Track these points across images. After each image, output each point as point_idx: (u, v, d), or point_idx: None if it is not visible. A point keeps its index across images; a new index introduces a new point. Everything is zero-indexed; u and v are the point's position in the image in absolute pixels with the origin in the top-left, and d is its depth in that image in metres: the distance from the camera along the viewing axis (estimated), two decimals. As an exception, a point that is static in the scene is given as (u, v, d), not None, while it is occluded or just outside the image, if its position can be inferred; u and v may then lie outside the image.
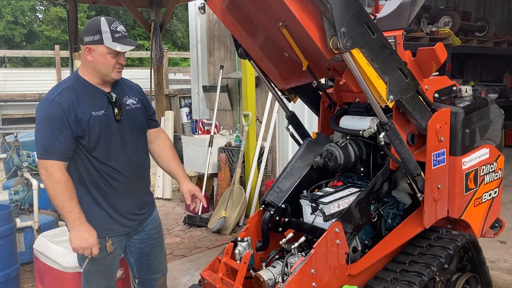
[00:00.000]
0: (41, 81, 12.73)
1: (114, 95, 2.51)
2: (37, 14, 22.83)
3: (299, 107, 4.45)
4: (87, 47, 2.42)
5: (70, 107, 2.37)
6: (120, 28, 2.43)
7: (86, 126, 2.40)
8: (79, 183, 2.46)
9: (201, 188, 6.01)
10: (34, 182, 4.37)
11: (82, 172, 2.47)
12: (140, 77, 10.92)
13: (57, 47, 13.74)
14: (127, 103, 2.59)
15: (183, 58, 20.03)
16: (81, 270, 2.55)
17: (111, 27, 2.39)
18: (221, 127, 6.85)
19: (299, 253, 2.54)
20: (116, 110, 2.50)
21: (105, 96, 2.49)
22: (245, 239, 2.63)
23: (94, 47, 2.40)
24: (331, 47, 2.14)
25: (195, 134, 6.76)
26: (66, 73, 12.30)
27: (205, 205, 2.81)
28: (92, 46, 2.41)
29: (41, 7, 22.31)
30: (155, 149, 2.81)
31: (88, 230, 2.40)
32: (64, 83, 2.49)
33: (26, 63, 19.90)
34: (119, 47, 2.39)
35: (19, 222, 4.19)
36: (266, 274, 2.53)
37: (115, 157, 2.50)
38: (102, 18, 2.42)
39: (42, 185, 4.50)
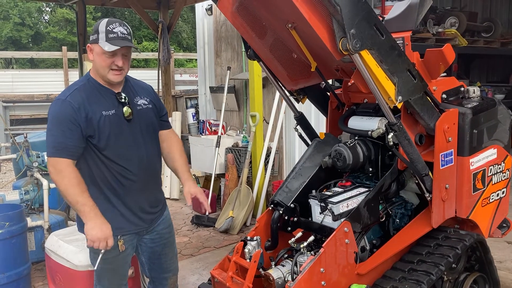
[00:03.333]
0: (49, 82, 12.81)
1: (124, 95, 2.56)
2: (44, 16, 22.97)
3: (306, 108, 4.47)
4: (88, 46, 2.51)
5: (81, 106, 2.42)
6: (118, 29, 2.44)
7: (97, 125, 2.44)
8: (91, 182, 2.50)
9: (208, 189, 6.06)
10: (44, 182, 4.42)
11: (94, 171, 2.51)
12: (147, 78, 10.95)
13: (64, 48, 13.83)
14: (138, 103, 2.63)
15: (188, 59, 20.09)
16: (94, 269, 2.59)
17: (108, 27, 2.42)
18: (228, 128, 6.89)
19: (308, 252, 2.56)
20: (126, 110, 2.53)
21: (114, 96, 2.54)
22: (255, 238, 2.65)
23: (93, 46, 2.48)
24: (341, 49, 2.17)
25: (202, 135, 6.79)
26: (73, 74, 12.39)
27: (208, 209, 2.81)
28: (91, 45, 2.49)
29: (48, 9, 22.44)
30: (164, 149, 2.83)
31: (104, 221, 2.44)
32: (76, 84, 2.56)
33: (33, 64, 20.01)
34: (107, 47, 2.40)
35: (30, 222, 4.23)
36: (275, 273, 2.56)
37: (126, 156, 2.54)
38: (105, 19, 2.47)
39: (52, 185, 4.54)
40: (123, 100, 2.54)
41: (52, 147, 2.40)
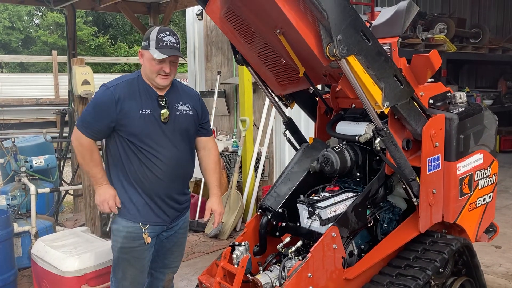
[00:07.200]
0: (38, 86, 12.69)
1: (165, 99, 2.67)
2: (34, 19, 22.83)
3: (296, 113, 4.47)
4: (139, 51, 2.68)
5: (121, 99, 2.58)
6: (168, 38, 2.58)
7: (131, 120, 2.59)
8: (121, 170, 2.67)
9: (198, 194, 6.04)
10: (32, 187, 4.38)
11: (124, 162, 2.66)
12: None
13: (54, 52, 13.73)
14: (178, 108, 2.73)
15: (180, 63, 20.07)
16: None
17: (159, 36, 2.57)
18: (219, 133, 6.88)
19: (296, 257, 2.56)
20: (164, 113, 2.64)
21: (155, 98, 2.65)
22: (243, 243, 2.65)
23: (144, 52, 2.64)
24: (328, 54, 2.18)
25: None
26: (63, 78, 12.29)
27: (219, 222, 3.05)
28: (142, 51, 2.65)
29: (38, 13, 22.30)
30: (201, 158, 2.95)
31: (106, 189, 2.64)
32: (126, 76, 2.72)
33: (23, 68, 19.85)
34: (156, 54, 2.55)
35: (17, 227, 4.19)
36: (263, 278, 2.56)
37: (154, 155, 2.65)
38: (157, 27, 2.60)
39: (39, 190, 4.52)
40: (163, 103, 2.65)
41: (82, 120, 2.64)
